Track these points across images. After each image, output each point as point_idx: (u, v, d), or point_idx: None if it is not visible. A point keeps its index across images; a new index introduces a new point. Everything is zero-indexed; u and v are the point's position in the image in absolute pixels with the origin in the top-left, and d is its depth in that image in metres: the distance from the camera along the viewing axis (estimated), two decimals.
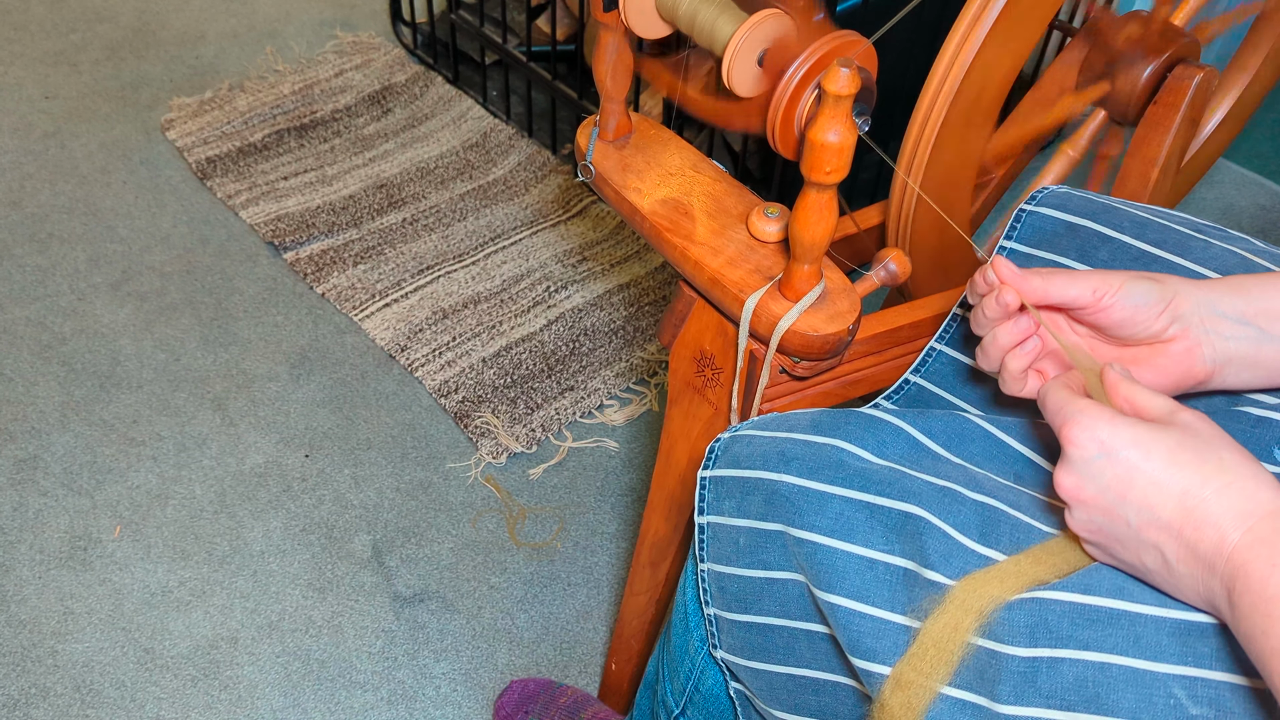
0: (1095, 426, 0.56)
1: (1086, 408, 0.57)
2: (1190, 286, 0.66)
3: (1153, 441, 0.55)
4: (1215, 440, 0.55)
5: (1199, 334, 0.65)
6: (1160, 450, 0.55)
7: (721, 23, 0.75)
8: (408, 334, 1.60)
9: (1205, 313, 0.65)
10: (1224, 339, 0.65)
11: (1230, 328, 0.65)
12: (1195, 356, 0.65)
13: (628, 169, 0.86)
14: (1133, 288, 0.65)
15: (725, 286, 0.78)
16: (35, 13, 2.21)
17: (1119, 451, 0.55)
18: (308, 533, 1.36)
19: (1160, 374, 0.66)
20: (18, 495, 1.38)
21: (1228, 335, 0.65)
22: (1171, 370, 0.66)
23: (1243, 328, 0.65)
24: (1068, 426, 0.57)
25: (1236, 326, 0.65)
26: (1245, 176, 1.98)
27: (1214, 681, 0.54)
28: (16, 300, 1.63)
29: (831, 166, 0.66)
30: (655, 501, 0.99)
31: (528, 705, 1.16)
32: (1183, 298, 0.65)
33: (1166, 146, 0.98)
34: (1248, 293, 0.66)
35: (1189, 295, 0.65)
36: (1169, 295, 0.65)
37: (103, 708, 1.19)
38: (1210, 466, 0.54)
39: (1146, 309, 0.65)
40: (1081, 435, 0.56)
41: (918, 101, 0.85)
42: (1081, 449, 0.56)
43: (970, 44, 0.81)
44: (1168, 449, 0.55)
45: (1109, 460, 0.55)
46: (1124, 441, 0.55)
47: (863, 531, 0.64)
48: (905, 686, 0.60)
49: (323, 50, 2.14)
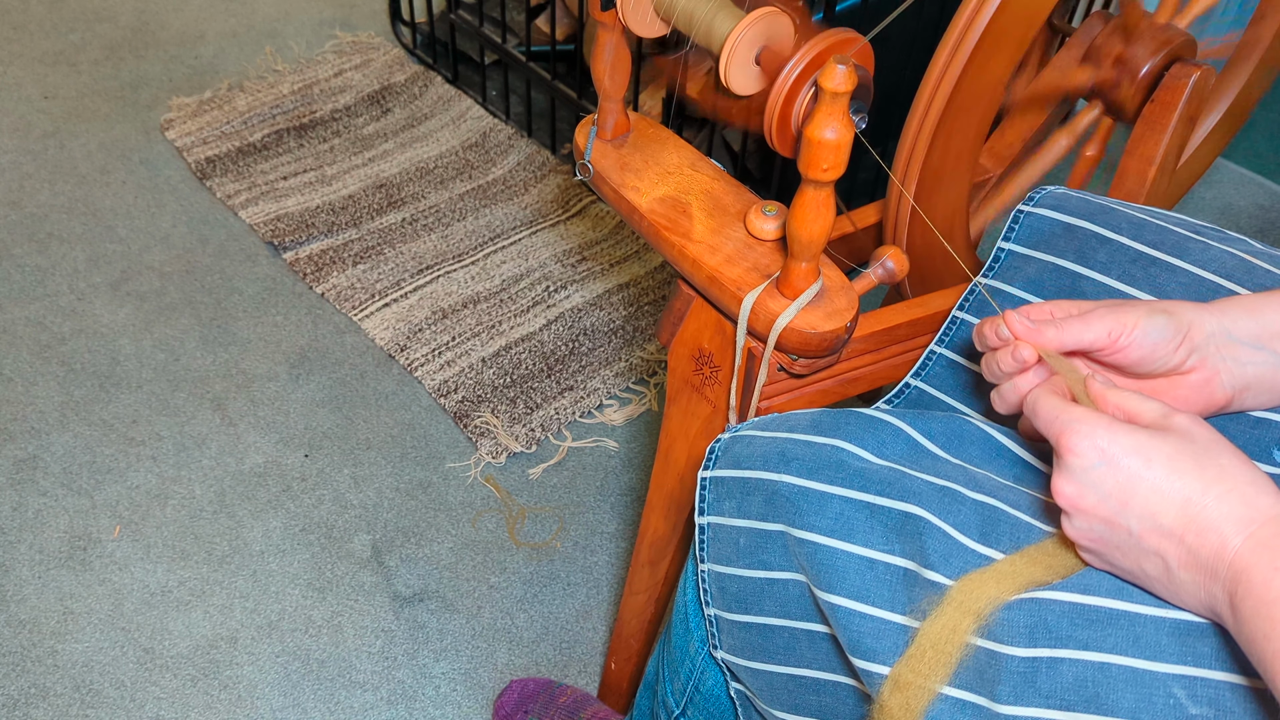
0: (1094, 434, 0.55)
1: (1084, 415, 0.56)
2: (1203, 314, 0.65)
3: (1153, 449, 0.55)
4: (1213, 446, 0.55)
5: (1216, 362, 0.64)
6: (1161, 457, 0.54)
7: (718, 21, 0.75)
8: (407, 334, 1.60)
9: (1221, 340, 0.64)
10: (1241, 365, 0.64)
11: (1247, 353, 0.64)
12: (1214, 385, 0.65)
13: (626, 168, 0.86)
14: (1148, 325, 0.63)
15: (723, 284, 0.77)
16: (35, 13, 2.21)
17: (1119, 459, 0.55)
18: (307, 533, 1.36)
19: (1181, 404, 0.65)
20: (17, 495, 1.38)
21: (1245, 361, 0.64)
22: (1192, 400, 0.65)
23: (1259, 352, 0.64)
24: (1066, 435, 0.56)
25: (1253, 352, 0.64)
26: (1244, 176, 1.98)
27: (1213, 681, 0.54)
28: (16, 300, 1.63)
29: (829, 164, 0.66)
30: (654, 501, 0.99)
31: (527, 705, 1.16)
32: (1197, 328, 0.64)
33: (1164, 145, 0.98)
34: (1261, 314, 0.65)
35: (1202, 324, 0.64)
36: (1184, 327, 0.64)
37: (103, 708, 1.19)
38: (1211, 473, 0.54)
39: (1164, 345, 0.63)
40: (1081, 444, 0.56)
41: (916, 99, 0.85)
42: (1081, 457, 0.56)
43: (968, 42, 0.81)
44: (1168, 456, 0.54)
45: (1110, 468, 0.55)
46: (1124, 449, 0.55)
47: (863, 531, 0.64)
48: (904, 688, 0.60)
49: (322, 50, 2.14)
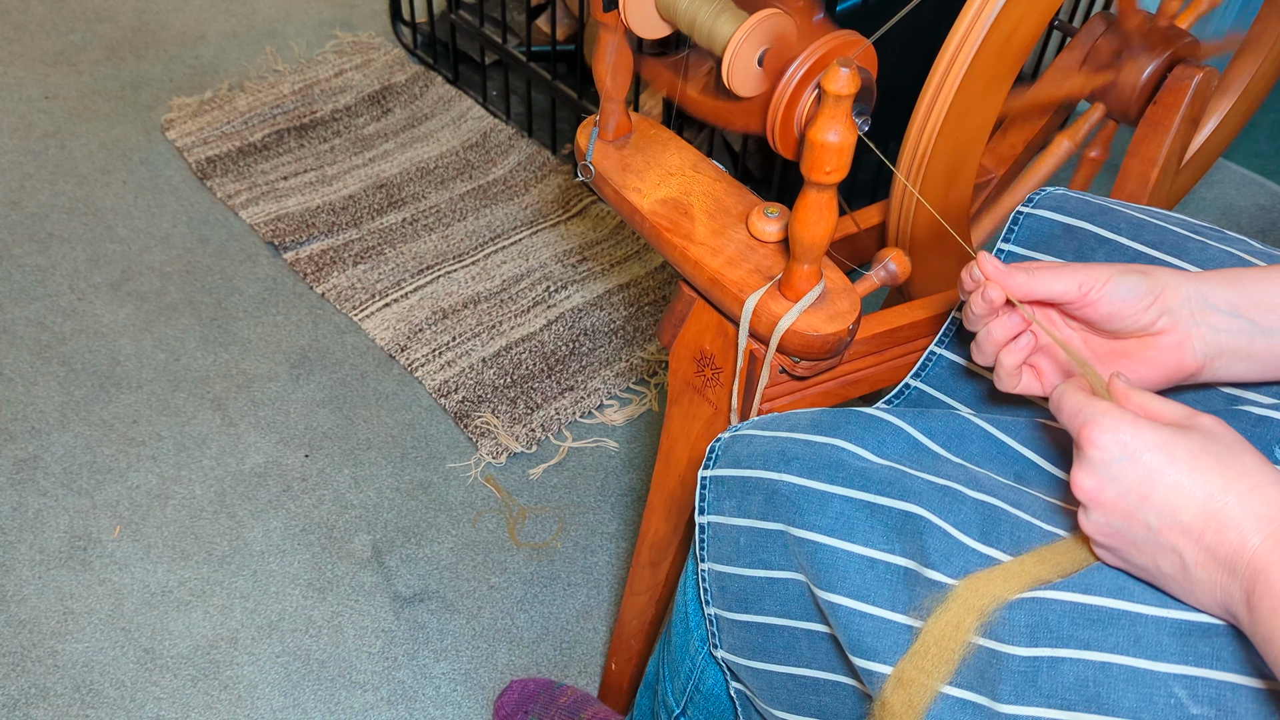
0: (1118, 429, 0.55)
1: (1108, 410, 0.57)
2: (1180, 279, 0.65)
3: (1175, 445, 0.55)
4: (1235, 446, 0.55)
5: (1189, 326, 0.65)
6: (1183, 454, 0.54)
7: (721, 23, 0.75)
8: (407, 334, 1.60)
9: (1196, 305, 0.65)
10: (1215, 331, 0.65)
11: (1222, 320, 0.65)
12: (1185, 349, 0.65)
13: (627, 169, 0.86)
14: (1120, 281, 0.64)
15: (725, 286, 0.77)
16: (35, 13, 2.21)
17: (1142, 454, 0.55)
18: (308, 533, 1.36)
19: (1150, 366, 0.66)
20: (18, 495, 1.38)
21: (1219, 328, 0.65)
22: (1162, 363, 0.66)
23: (1234, 320, 0.65)
24: (1088, 428, 0.56)
25: (1228, 319, 0.65)
26: (1245, 176, 1.98)
27: (1215, 681, 0.54)
28: (16, 300, 1.63)
29: (831, 166, 0.66)
30: (655, 501, 0.99)
31: (527, 705, 1.16)
32: (1172, 290, 0.65)
33: (1166, 146, 0.98)
34: (1240, 285, 0.65)
35: (1178, 288, 0.65)
36: (1157, 288, 0.65)
37: (103, 708, 1.19)
38: (1233, 472, 0.54)
39: (1134, 302, 0.64)
40: (1104, 437, 0.56)
41: (920, 97, 0.85)
42: (1104, 451, 0.56)
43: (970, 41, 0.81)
44: (1190, 453, 0.54)
45: (1131, 463, 0.55)
46: (1147, 445, 0.55)
47: (863, 531, 0.64)
48: (907, 684, 0.60)
49: (323, 50, 2.14)
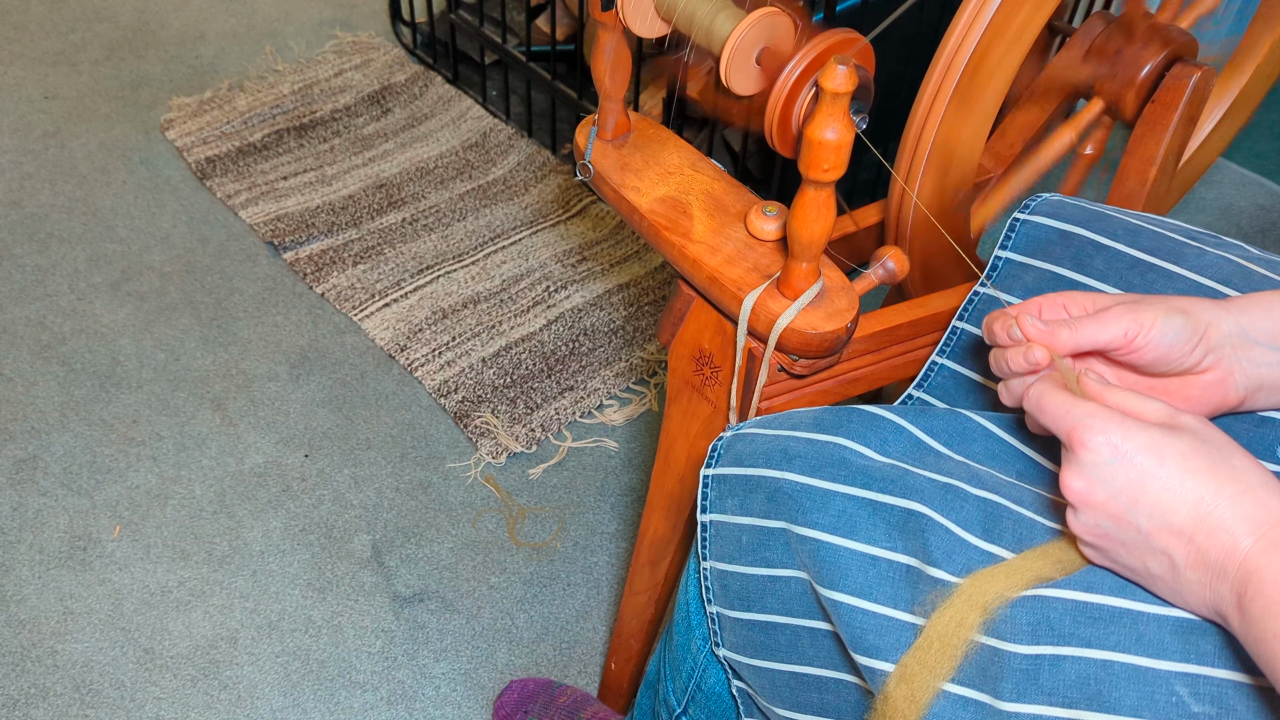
0: (1108, 431, 0.55)
1: (1096, 411, 0.56)
2: (1220, 313, 0.64)
3: (1165, 447, 0.54)
4: (1225, 447, 0.55)
5: (1231, 363, 0.64)
6: (1174, 456, 0.54)
7: (719, 21, 0.75)
8: (407, 334, 1.60)
9: (1237, 340, 0.64)
10: (1256, 365, 0.64)
11: (1263, 354, 0.64)
12: (1229, 385, 0.64)
13: (626, 168, 0.86)
14: (1166, 325, 0.62)
15: (723, 285, 0.77)
16: (35, 13, 2.21)
17: (1133, 456, 0.55)
18: (307, 533, 1.36)
19: (1193, 404, 0.65)
20: (17, 495, 1.38)
21: (1260, 362, 0.64)
22: (1204, 400, 0.65)
23: (1274, 353, 0.64)
24: (1079, 430, 0.56)
25: (1268, 352, 0.64)
26: (1245, 176, 1.98)
27: (1216, 679, 0.54)
28: (16, 300, 1.63)
29: (829, 164, 0.66)
30: (655, 501, 0.99)
31: (527, 705, 1.16)
32: (1214, 328, 0.63)
33: (1164, 146, 0.98)
34: (1278, 314, 0.64)
35: (1220, 324, 0.64)
36: (1201, 327, 0.63)
37: (102, 708, 1.19)
38: (1224, 474, 0.54)
39: (1181, 345, 0.63)
40: (1094, 439, 0.55)
41: (918, 96, 0.85)
42: (1095, 452, 0.55)
43: (969, 39, 0.81)
44: (1181, 455, 0.54)
45: (1122, 465, 0.55)
46: (1138, 447, 0.55)
47: (865, 528, 0.64)
48: (910, 679, 0.60)
49: (322, 50, 2.14)
